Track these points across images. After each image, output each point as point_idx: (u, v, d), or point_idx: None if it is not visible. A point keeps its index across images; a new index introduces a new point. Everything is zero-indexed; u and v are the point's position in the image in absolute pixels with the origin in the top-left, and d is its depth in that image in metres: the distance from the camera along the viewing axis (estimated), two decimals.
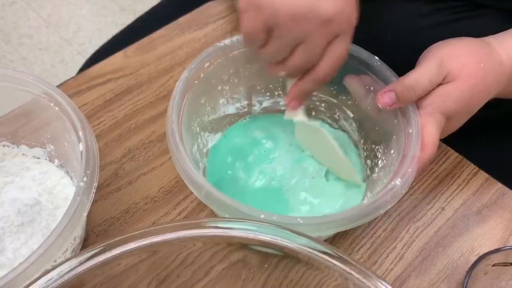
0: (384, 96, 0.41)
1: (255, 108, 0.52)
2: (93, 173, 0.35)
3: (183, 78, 0.43)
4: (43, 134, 0.44)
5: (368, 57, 0.45)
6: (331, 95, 0.49)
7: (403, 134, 0.41)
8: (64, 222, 0.33)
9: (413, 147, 0.40)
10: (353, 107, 0.48)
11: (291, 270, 0.37)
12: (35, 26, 1.48)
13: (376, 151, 0.46)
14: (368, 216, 0.38)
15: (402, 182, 0.38)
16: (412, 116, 0.41)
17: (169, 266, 0.37)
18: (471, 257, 0.45)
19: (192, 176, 0.38)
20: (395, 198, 0.38)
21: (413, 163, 0.39)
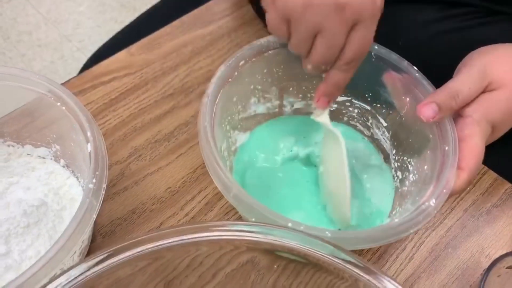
0: (427, 108, 0.39)
1: (286, 109, 0.51)
2: (102, 174, 0.35)
3: (218, 75, 0.42)
4: (48, 134, 0.44)
5: (398, 60, 0.44)
6: (365, 102, 0.48)
7: (439, 151, 0.40)
8: (74, 225, 0.32)
9: (449, 166, 0.38)
10: (387, 116, 0.47)
11: (301, 271, 0.37)
12: (34, 22, 1.46)
13: (408, 164, 0.45)
14: (397, 235, 0.36)
15: (436, 204, 0.37)
16: (449, 131, 0.40)
17: (177, 268, 0.36)
18: (481, 258, 0.45)
19: (222, 176, 0.37)
20: (427, 218, 0.37)
21: (448, 184, 0.37)
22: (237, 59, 0.44)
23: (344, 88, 0.43)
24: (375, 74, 0.45)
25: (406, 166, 0.45)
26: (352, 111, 0.50)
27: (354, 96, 0.49)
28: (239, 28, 0.60)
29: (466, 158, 0.38)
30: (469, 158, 0.38)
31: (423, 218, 0.36)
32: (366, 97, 0.48)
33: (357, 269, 0.33)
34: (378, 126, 0.49)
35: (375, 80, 0.45)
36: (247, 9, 0.62)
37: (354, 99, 0.49)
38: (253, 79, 0.47)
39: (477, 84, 0.39)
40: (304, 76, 0.47)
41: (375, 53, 0.45)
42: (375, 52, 0.45)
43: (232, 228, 0.34)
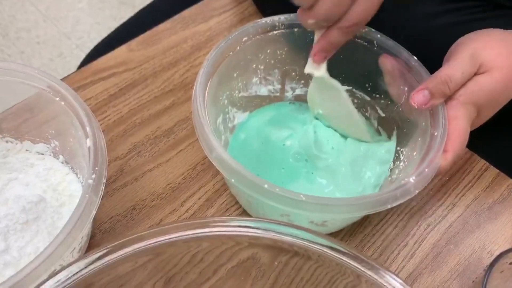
0: (418, 94, 0.40)
1: (288, 94, 0.51)
2: (101, 170, 0.34)
3: (218, 46, 0.43)
4: (47, 129, 0.43)
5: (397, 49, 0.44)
6: (365, 92, 0.48)
7: (428, 136, 0.40)
8: (73, 220, 0.32)
9: (435, 148, 0.39)
10: (386, 107, 0.47)
11: (302, 267, 0.36)
12: (32, 19, 1.46)
13: (400, 153, 0.45)
14: (372, 208, 0.37)
15: (415, 181, 0.37)
16: (441, 118, 0.40)
17: (177, 264, 0.36)
18: (483, 254, 0.45)
19: (207, 136, 0.38)
20: (406, 195, 0.37)
21: (431, 164, 0.38)
22: (240, 34, 0.44)
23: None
24: (376, 64, 0.45)
25: (398, 155, 0.46)
26: (353, 101, 0.49)
27: (355, 85, 0.49)
28: (239, 23, 0.60)
29: (450, 140, 0.39)
30: (454, 139, 0.39)
31: (400, 194, 0.37)
32: (366, 87, 0.48)
33: (359, 265, 0.33)
34: (375, 117, 0.49)
35: (375, 70, 0.45)
36: (247, 4, 0.62)
37: (354, 88, 0.49)
38: (255, 58, 0.46)
39: (468, 68, 0.39)
40: (307, 61, 0.47)
41: (377, 42, 0.45)
42: (377, 41, 0.45)
43: (233, 224, 0.34)
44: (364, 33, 0.45)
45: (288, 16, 0.45)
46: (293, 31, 0.45)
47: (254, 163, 0.46)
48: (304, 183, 0.46)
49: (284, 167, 0.46)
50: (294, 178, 0.46)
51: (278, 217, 0.42)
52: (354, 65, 0.47)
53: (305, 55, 0.44)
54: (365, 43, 0.45)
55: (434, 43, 0.44)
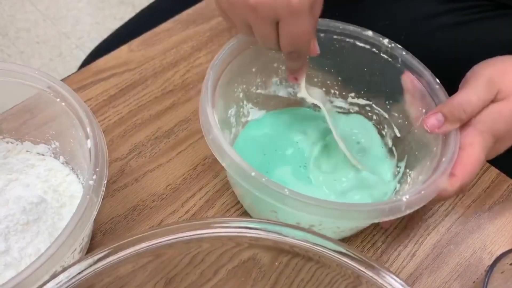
0: (431, 118, 0.39)
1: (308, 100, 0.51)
2: (102, 170, 0.34)
3: (239, 37, 0.43)
4: (47, 130, 0.43)
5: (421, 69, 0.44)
6: (384, 109, 0.48)
7: (436, 161, 0.39)
8: (74, 221, 0.32)
9: (439, 172, 0.38)
10: (403, 128, 0.46)
11: (302, 268, 0.36)
12: (32, 19, 1.46)
13: (408, 176, 0.44)
14: (359, 219, 0.36)
15: (408, 200, 0.36)
16: (452, 144, 0.39)
17: (178, 265, 0.36)
18: (484, 254, 0.45)
19: (207, 117, 0.38)
20: (394, 212, 0.36)
21: (429, 187, 0.37)
22: None
23: (307, 66, 0.44)
24: (398, 82, 0.44)
25: (405, 178, 0.45)
26: (372, 117, 0.49)
27: (374, 101, 0.48)
28: None
29: (461, 165, 0.38)
30: (465, 166, 0.38)
31: (389, 210, 0.36)
32: (386, 104, 0.47)
33: (360, 266, 0.33)
34: (391, 136, 0.48)
35: (397, 88, 0.45)
36: None
37: (374, 104, 0.49)
38: (278, 57, 0.46)
39: (485, 94, 0.38)
40: (330, 69, 0.47)
41: (402, 59, 0.44)
42: (402, 58, 0.44)
43: (233, 225, 0.34)
44: (390, 49, 0.45)
45: None
46: (319, 35, 0.45)
47: (257, 160, 0.46)
48: (303, 187, 0.45)
49: (287, 168, 0.46)
50: (295, 180, 0.46)
51: (268, 212, 0.41)
52: (376, 79, 0.46)
53: (329, 62, 0.44)
54: (389, 59, 0.45)
55: (435, 43, 0.44)
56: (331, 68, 0.48)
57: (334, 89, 0.49)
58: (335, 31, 0.46)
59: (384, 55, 0.45)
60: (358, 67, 0.46)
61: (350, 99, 0.50)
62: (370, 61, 0.45)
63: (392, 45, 0.44)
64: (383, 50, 0.45)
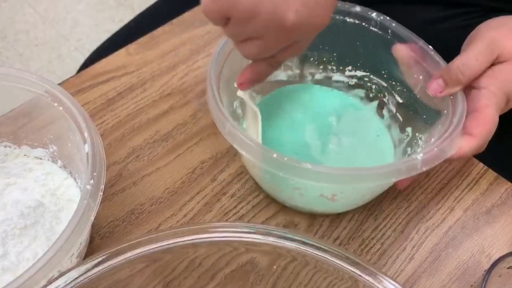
0: (433, 83, 0.40)
1: (307, 79, 0.52)
2: (100, 175, 0.34)
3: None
4: (45, 134, 0.43)
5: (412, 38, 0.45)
6: (382, 78, 0.49)
7: (448, 123, 0.41)
8: (71, 226, 0.32)
9: (451, 131, 0.39)
10: (403, 94, 0.48)
11: (300, 272, 0.36)
12: (31, 21, 1.46)
13: (419, 139, 0.46)
14: (376, 179, 0.37)
15: (423, 157, 0.37)
16: (460, 105, 0.40)
17: (175, 270, 0.36)
18: (482, 257, 0.45)
19: (219, 111, 0.39)
20: (411, 170, 0.37)
21: (442, 143, 0.38)
22: None
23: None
24: (390, 52, 0.46)
25: (416, 141, 0.46)
26: (370, 87, 0.50)
27: (372, 71, 0.50)
28: None
29: (479, 126, 0.39)
30: (482, 126, 0.39)
31: (405, 168, 0.37)
32: (383, 74, 0.49)
33: (357, 270, 0.33)
34: (394, 103, 0.49)
35: (390, 59, 0.46)
36: None
37: (372, 74, 0.50)
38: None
39: (485, 56, 0.39)
40: (325, 47, 0.48)
41: (392, 30, 0.45)
42: (392, 29, 0.45)
43: (230, 229, 0.34)
44: (380, 21, 0.46)
45: None
46: None
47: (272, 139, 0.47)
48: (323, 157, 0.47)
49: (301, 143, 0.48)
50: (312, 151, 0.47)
51: (291, 190, 0.42)
52: (370, 52, 0.48)
53: (322, 40, 0.44)
54: (379, 31, 0.46)
55: (436, 48, 0.44)
56: (325, 45, 0.49)
57: (331, 64, 0.51)
58: None
59: (374, 28, 0.46)
60: (351, 42, 0.47)
61: (347, 72, 0.51)
62: (361, 35, 0.46)
63: (381, 18, 0.46)
64: (373, 23, 0.46)
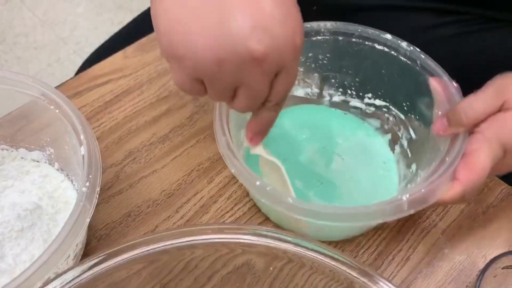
0: (437, 121, 0.39)
1: (325, 99, 0.51)
2: (95, 177, 0.35)
3: None
4: (42, 137, 0.43)
5: (440, 72, 0.43)
6: (401, 111, 0.48)
7: (441, 162, 0.39)
8: (67, 228, 0.32)
9: (438, 173, 0.38)
10: (418, 129, 0.47)
11: (297, 273, 0.37)
12: (30, 25, 1.46)
13: (418, 176, 0.45)
14: (358, 220, 0.37)
15: (408, 199, 0.36)
16: (458, 146, 0.39)
17: (172, 271, 0.36)
18: (478, 258, 0.45)
19: (226, 149, 0.38)
20: (397, 212, 0.36)
21: (428, 187, 0.37)
22: None
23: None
24: (417, 84, 0.44)
25: (417, 177, 0.45)
26: (387, 118, 0.49)
27: (392, 102, 0.48)
28: None
29: (465, 171, 0.37)
30: (468, 171, 0.37)
31: (390, 209, 0.36)
32: (403, 106, 0.47)
33: (353, 271, 0.33)
34: (407, 138, 0.48)
35: (416, 90, 0.45)
36: None
37: (391, 105, 0.49)
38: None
39: (491, 101, 0.37)
40: (348, 71, 0.48)
41: (421, 62, 0.44)
42: (421, 61, 0.44)
43: (227, 231, 0.34)
44: (409, 52, 0.45)
45: (334, 23, 0.46)
46: (337, 38, 0.45)
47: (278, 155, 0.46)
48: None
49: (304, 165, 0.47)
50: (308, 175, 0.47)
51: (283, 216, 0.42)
52: (394, 81, 0.47)
53: (347, 64, 0.44)
54: (408, 62, 0.45)
55: (431, 55, 0.44)
56: (349, 69, 0.48)
57: (351, 89, 0.50)
58: (354, 34, 0.46)
59: (403, 58, 0.45)
60: (376, 70, 0.46)
61: (366, 100, 0.50)
62: (388, 63, 0.45)
63: (411, 48, 0.44)
64: (402, 53, 0.45)
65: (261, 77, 0.33)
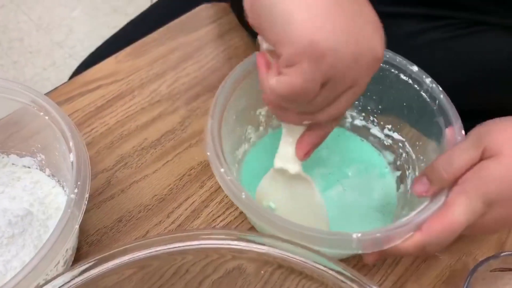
0: (418, 183, 0.37)
1: (347, 120, 0.50)
2: (84, 184, 0.35)
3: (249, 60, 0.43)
4: (33, 143, 0.43)
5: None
6: (414, 149, 0.46)
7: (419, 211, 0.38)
8: (56, 235, 0.32)
9: (404, 220, 0.36)
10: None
11: (287, 278, 0.37)
12: (25, 29, 1.46)
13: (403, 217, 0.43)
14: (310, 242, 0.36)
15: (358, 237, 0.35)
16: (430, 201, 0.37)
17: (163, 276, 0.36)
18: (469, 260, 0.45)
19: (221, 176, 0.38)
20: (343, 247, 0.36)
21: (385, 232, 0.36)
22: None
23: None
24: (432, 124, 0.43)
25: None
26: (401, 154, 0.48)
27: (408, 138, 0.47)
28: (227, 33, 0.61)
29: (432, 223, 0.35)
30: (436, 224, 0.35)
31: (335, 241, 0.36)
32: (416, 145, 0.46)
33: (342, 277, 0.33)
34: (412, 177, 0.46)
35: (430, 131, 0.44)
36: (234, 15, 0.63)
37: (407, 142, 0.47)
38: None
39: (470, 151, 0.35)
40: (372, 96, 0.47)
41: (440, 102, 0.42)
42: (440, 101, 0.42)
43: (217, 237, 0.34)
44: (431, 89, 0.43)
45: None
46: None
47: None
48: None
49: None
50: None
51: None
52: (413, 117, 0.46)
53: (372, 88, 0.43)
54: (427, 99, 0.43)
55: (417, 62, 0.44)
56: (373, 94, 0.47)
57: (373, 116, 0.49)
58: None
59: (424, 93, 0.43)
60: (399, 100, 0.45)
61: (386, 131, 0.49)
62: (410, 97, 0.43)
63: (433, 86, 0.43)
64: (424, 88, 0.43)
65: (368, 78, 0.35)
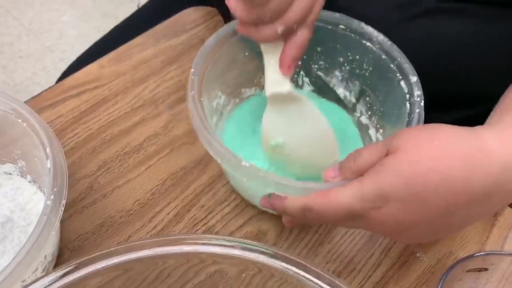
0: (330, 169, 0.38)
1: (356, 114, 0.50)
2: (61, 191, 0.35)
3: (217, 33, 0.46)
4: (13, 150, 0.44)
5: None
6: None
7: None
8: (31, 241, 0.32)
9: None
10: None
11: (266, 283, 0.37)
12: (15, 33, 1.46)
13: None
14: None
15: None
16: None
17: (145, 280, 0.36)
18: (449, 261, 0.45)
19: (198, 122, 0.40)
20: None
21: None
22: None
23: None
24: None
25: None
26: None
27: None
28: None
29: (318, 192, 0.36)
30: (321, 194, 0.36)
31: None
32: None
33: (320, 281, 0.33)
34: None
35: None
36: (219, 19, 0.63)
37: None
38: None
39: (379, 147, 0.36)
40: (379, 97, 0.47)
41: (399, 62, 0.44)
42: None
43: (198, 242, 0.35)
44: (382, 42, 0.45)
45: (384, 38, 0.45)
46: (381, 56, 0.45)
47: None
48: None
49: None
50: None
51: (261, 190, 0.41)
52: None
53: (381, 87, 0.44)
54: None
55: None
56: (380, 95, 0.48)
57: (375, 117, 0.49)
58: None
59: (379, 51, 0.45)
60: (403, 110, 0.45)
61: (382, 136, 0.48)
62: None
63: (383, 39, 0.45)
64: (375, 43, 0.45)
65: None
